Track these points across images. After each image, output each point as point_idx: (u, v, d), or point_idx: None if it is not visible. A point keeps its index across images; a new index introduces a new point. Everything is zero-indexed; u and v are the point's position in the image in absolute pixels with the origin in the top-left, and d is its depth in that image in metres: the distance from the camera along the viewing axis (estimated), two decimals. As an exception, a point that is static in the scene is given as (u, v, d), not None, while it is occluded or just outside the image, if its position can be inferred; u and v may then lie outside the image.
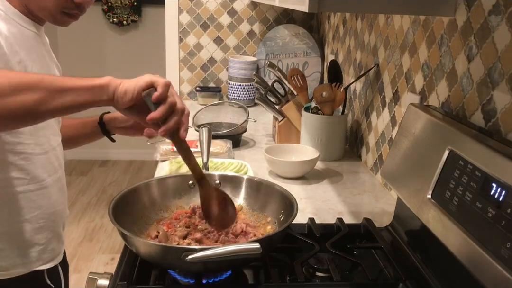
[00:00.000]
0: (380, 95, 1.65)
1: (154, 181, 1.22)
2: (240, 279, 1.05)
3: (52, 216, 1.14)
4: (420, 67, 1.35)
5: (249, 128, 2.07)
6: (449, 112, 1.17)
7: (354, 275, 1.08)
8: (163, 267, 1.04)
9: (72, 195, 3.95)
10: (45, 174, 1.11)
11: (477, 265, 0.82)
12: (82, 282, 2.75)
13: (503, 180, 0.81)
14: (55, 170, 1.15)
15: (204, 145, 1.40)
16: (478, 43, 1.07)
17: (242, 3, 2.61)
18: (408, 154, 1.15)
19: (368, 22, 1.79)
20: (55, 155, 1.15)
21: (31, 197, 1.08)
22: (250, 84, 2.52)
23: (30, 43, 1.07)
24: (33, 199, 1.09)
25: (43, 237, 1.13)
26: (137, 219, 1.12)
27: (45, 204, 1.12)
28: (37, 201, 1.10)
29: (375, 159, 1.68)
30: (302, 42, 2.54)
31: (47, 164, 1.11)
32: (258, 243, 0.89)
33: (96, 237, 3.38)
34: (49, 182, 1.12)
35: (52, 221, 1.15)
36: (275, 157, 1.63)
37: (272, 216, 1.16)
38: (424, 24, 1.33)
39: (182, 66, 2.68)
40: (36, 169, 1.08)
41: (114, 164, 4.67)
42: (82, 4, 1.07)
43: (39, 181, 1.09)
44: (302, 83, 1.93)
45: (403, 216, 1.20)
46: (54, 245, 1.17)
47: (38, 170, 1.09)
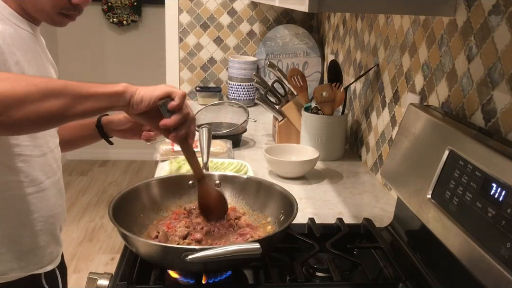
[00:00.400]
0: (380, 95, 1.65)
1: (154, 181, 1.22)
2: (240, 279, 1.05)
3: (50, 218, 1.14)
4: (420, 67, 1.35)
5: (249, 128, 2.07)
6: (449, 112, 1.17)
7: (354, 275, 1.08)
8: (163, 267, 1.04)
9: (72, 195, 3.95)
10: (44, 176, 1.10)
11: (477, 265, 0.82)
12: (82, 282, 2.75)
13: (503, 180, 0.81)
14: (54, 172, 1.15)
15: (204, 145, 1.40)
16: (478, 43, 1.07)
17: (242, 3, 2.61)
18: (408, 154, 1.15)
19: (368, 22, 1.79)
20: (53, 157, 1.15)
21: (30, 200, 1.08)
22: (250, 84, 2.52)
23: (26, 44, 1.06)
24: (32, 202, 1.08)
25: (41, 240, 1.12)
26: (137, 219, 1.12)
27: (43, 207, 1.11)
28: (35, 204, 1.09)
29: (375, 159, 1.68)
30: (302, 42, 2.54)
31: (45, 166, 1.11)
32: (258, 243, 0.89)
33: (96, 237, 3.38)
34: (47, 185, 1.12)
35: (50, 223, 1.14)
36: (275, 157, 1.63)
37: (272, 216, 1.16)
38: (424, 24, 1.33)
39: (182, 66, 2.68)
40: (35, 171, 1.08)
41: (114, 164, 4.67)
42: (79, 5, 1.06)
43: (37, 184, 1.09)
44: (302, 83, 1.93)
45: (403, 216, 1.20)
46: (52, 248, 1.16)
47: (36, 172, 1.08)
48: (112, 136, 1.34)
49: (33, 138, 1.06)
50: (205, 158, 1.37)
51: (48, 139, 1.13)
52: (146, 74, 4.47)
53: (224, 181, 1.24)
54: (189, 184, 1.23)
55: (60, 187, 1.19)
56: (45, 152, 1.11)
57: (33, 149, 1.07)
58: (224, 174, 1.28)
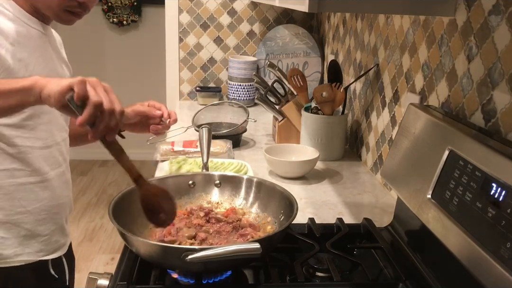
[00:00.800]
0: (380, 95, 1.65)
1: (154, 181, 1.22)
2: (240, 279, 1.05)
3: (55, 208, 1.17)
4: (420, 67, 1.35)
5: (249, 128, 2.07)
6: (449, 112, 1.17)
7: (354, 275, 1.07)
8: (163, 267, 1.04)
9: (72, 195, 3.94)
10: (47, 167, 1.14)
11: (477, 265, 0.82)
12: (82, 282, 2.75)
13: (503, 180, 0.81)
14: (59, 164, 1.18)
15: (204, 145, 1.41)
16: (478, 43, 1.07)
17: (242, 3, 2.61)
18: (408, 154, 1.15)
19: (368, 22, 1.79)
20: (59, 150, 1.18)
21: (33, 188, 1.12)
22: (250, 84, 2.52)
23: (35, 42, 1.10)
24: (35, 191, 1.12)
25: (46, 229, 1.16)
26: (137, 219, 1.12)
27: (47, 197, 1.15)
28: (39, 193, 1.13)
29: (375, 159, 1.68)
30: (302, 42, 2.54)
31: (49, 158, 1.14)
32: (258, 243, 0.89)
33: (96, 237, 3.38)
34: (51, 175, 1.15)
35: (55, 213, 1.18)
36: (275, 157, 1.63)
37: (272, 216, 1.16)
38: (424, 24, 1.33)
39: (182, 66, 2.68)
40: (38, 162, 1.11)
41: (114, 164, 4.60)
42: (86, 3, 1.09)
43: (41, 174, 1.13)
44: (302, 83, 1.93)
45: (403, 216, 1.20)
46: (58, 237, 1.20)
47: (40, 163, 1.12)
48: (123, 130, 1.30)
49: (33, 131, 1.10)
50: (205, 158, 1.37)
51: (55, 132, 1.16)
52: (146, 74, 4.47)
53: (224, 181, 1.24)
54: (189, 184, 1.23)
55: (66, 179, 1.22)
56: (49, 145, 1.14)
57: (35, 141, 1.10)
58: (224, 174, 1.28)
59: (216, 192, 1.25)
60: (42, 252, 1.16)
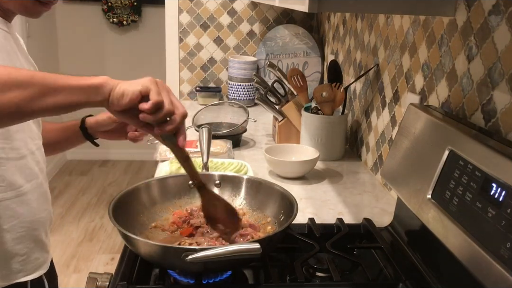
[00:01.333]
0: (380, 95, 1.65)
1: (154, 181, 1.22)
2: (240, 279, 1.05)
3: (33, 224, 1.07)
4: (420, 67, 1.35)
5: (249, 128, 2.07)
6: (449, 112, 1.17)
7: (354, 275, 1.08)
8: (163, 267, 1.04)
9: (72, 195, 3.95)
10: (23, 180, 1.03)
11: (477, 265, 0.82)
12: (82, 282, 2.75)
13: (503, 180, 0.81)
14: (35, 176, 1.07)
15: (204, 145, 1.40)
16: (478, 43, 1.07)
17: (242, 3, 2.61)
18: (408, 154, 1.15)
19: (368, 22, 1.79)
20: (35, 160, 1.07)
21: (9, 205, 1.01)
22: (250, 84, 2.52)
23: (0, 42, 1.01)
24: (11, 207, 1.02)
25: (24, 247, 1.06)
26: (137, 219, 1.12)
27: (24, 212, 1.05)
28: (15, 209, 1.03)
29: (375, 159, 1.68)
30: (302, 42, 2.54)
31: (25, 169, 1.04)
32: (258, 243, 0.89)
33: (96, 237, 3.38)
34: (27, 188, 1.05)
35: (33, 229, 1.08)
36: (275, 157, 1.63)
37: (272, 216, 1.15)
38: (424, 24, 1.33)
39: (182, 66, 2.68)
40: (13, 175, 1.01)
41: (114, 164, 4.67)
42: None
43: (16, 188, 1.02)
44: (302, 83, 1.93)
45: (403, 216, 1.20)
46: (37, 254, 1.10)
47: (14, 176, 1.02)
48: (97, 137, 1.28)
49: (8, 140, 1.00)
50: (205, 158, 1.37)
51: (28, 141, 1.06)
52: (146, 74, 4.43)
53: (224, 181, 1.24)
54: (189, 184, 1.23)
55: (43, 190, 1.11)
56: (24, 155, 1.04)
57: (9, 151, 1.00)
58: (224, 174, 1.28)
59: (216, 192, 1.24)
60: (20, 272, 1.05)
